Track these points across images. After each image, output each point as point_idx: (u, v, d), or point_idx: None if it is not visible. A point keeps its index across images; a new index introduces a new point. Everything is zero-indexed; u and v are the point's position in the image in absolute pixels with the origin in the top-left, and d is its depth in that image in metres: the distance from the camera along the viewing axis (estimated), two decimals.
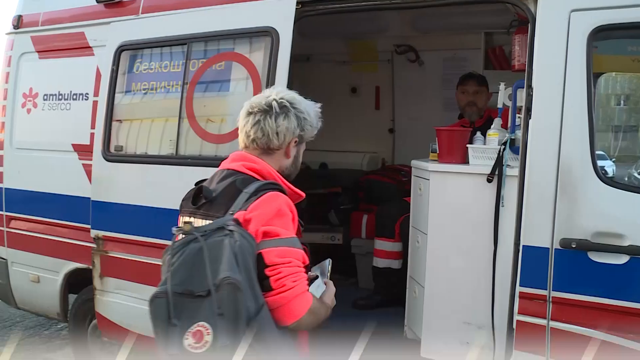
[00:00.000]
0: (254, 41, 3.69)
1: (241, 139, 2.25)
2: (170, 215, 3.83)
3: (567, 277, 2.90)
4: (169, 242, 3.77)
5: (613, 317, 2.82)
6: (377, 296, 4.51)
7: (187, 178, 3.72)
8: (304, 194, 2.21)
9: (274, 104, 2.17)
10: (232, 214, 1.98)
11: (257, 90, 3.59)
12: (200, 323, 1.78)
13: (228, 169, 2.20)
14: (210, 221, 2.02)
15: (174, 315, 1.80)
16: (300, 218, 2.19)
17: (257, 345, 1.81)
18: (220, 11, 3.76)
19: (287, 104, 2.19)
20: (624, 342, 2.79)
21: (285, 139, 2.19)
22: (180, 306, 1.81)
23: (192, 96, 3.79)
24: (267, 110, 2.17)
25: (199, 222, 2.08)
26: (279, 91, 2.25)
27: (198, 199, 2.13)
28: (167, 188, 3.82)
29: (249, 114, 2.20)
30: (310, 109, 2.26)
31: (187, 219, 2.15)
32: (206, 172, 3.63)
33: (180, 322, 1.80)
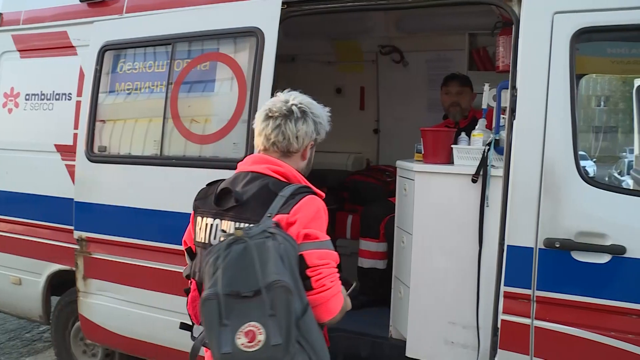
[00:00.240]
0: (239, 41, 3.68)
1: (260, 142, 2.29)
2: (154, 216, 3.84)
3: (551, 277, 2.93)
4: (153, 244, 3.82)
5: (596, 316, 2.85)
6: (362, 296, 4.50)
7: (171, 179, 3.76)
8: (324, 194, 2.25)
9: (294, 108, 2.24)
10: (270, 216, 2.04)
11: (242, 90, 3.58)
12: (252, 323, 1.86)
13: (252, 172, 2.23)
14: (244, 223, 2.09)
15: (225, 316, 1.87)
16: None
17: (304, 343, 1.94)
18: (205, 11, 3.74)
19: (307, 109, 2.27)
20: (606, 340, 2.83)
21: (303, 143, 2.28)
22: (230, 307, 1.88)
23: (177, 96, 3.77)
24: (287, 115, 2.23)
25: (227, 224, 2.14)
26: (296, 96, 2.31)
27: (225, 200, 2.17)
28: (151, 189, 3.80)
29: (269, 117, 2.26)
30: (323, 113, 2.35)
31: (210, 220, 2.21)
32: (191, 173, 3.68)
33: (230, 322, 1.87)
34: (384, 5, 3.49)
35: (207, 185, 2.37)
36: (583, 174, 2.88)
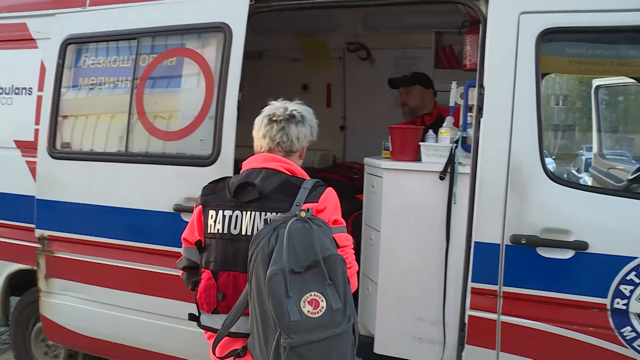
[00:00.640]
0: (207, 37, 3.63)
1: (265, 143, 2.58)
2: (120, 214, 3.77)
3: (517, 273, 2.98)
4: (120, 242, 3.75)
5: (559, 310, 2.92)
6: None
7: (138, 176, 3.69)
8: None
9: (295, 113, 2.58)
10: (299, 205, 2.34)
11: (209, 87, 3.54)
12: (314, 292, 2.14)
13: (266, 168, 2.51)
14: (270, 212, 2.35)
15: (289, 289, 2.11)
16: None
17: (352, 306, 2.25)
18: (171, 6, 3.68)
19: (305, 114, 2.62)
20: (569, 334, 2.91)
21: (302, 143, 2.62)
22: (292, 281, 2.13)
23: (143, 92, 3.70)
24: (289, 119, 2.56)
25: (251, 215, 2.42)
26: (293, 104, 2.63)
27: (245, 194, 2.44)
28: (116, 186, 3.73)
29: (273, 121, 2.57)
30: (314, 120, 2.69)
31: (229, 212, 2.46)
32: (157, 170, 3.62)
33: (293, 293, 2.12)
34: (352, 2, 3.50)
35: (211, 182, 2.61)
36: (548, 171, 2.94)
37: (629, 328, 2.82)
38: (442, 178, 3.28)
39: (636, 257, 2.79)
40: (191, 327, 3.58)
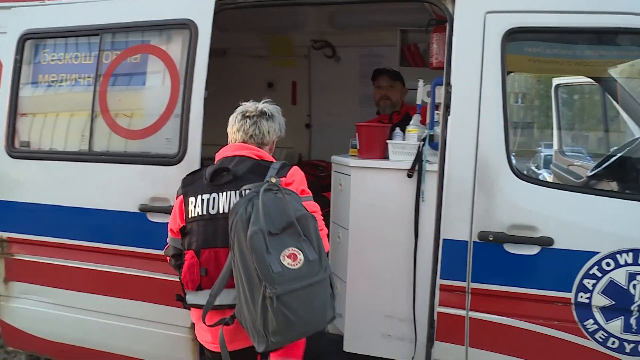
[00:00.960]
0: (172, 34, 3.56)
1: (239, 137, 2.85)
2: (84, 215, 3.67)
3: (485, 269, 3.02)
4: (83, 243, 3.65)
5: (526, 305, 2.98)
6: None
7: (102, 175, 3.61)
8: None
9: (266, 110, 2.88)
10: (268, 181, 2.54)
11: (175, 84, 3.49)
12: (291, 248, 2.38)
13: (238, 155, 2.76)
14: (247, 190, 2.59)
15: (269, 246, 2.34)
16: None
17: (326, 259, 2.51)
18: (136, 1, 3.60)
19: (274, 112, 2.92)
20: (536, 328, 2.96)
21: (272, 137, 2.90)
22: (270, 240, 2.37)
23: (106, 90, 3.61)
24: (261, 115, 2.86)
25: (227, 194, 2.65)
26: (263, 103, 2.92)
27: (220, 178, 2.69)
28: (79, 186, 3.63)
29: (246, 117, 2.86)
30: (282, 118, 2.98)
31: (206, 196, 2.68)
32: (122, 169, 3.55)
33: (273, 250, 2.35)
34: (318, 0, 3.48)
35: (188, 174, 2.83)
36: (515, 168, 2.98)
37: (591, 321, 2.89)
38: (410, 176, 3.29)
39: (598, 252, 2.86)
40: (156, 329, 3.56)
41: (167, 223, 2.87)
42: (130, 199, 3.50)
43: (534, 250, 2.94)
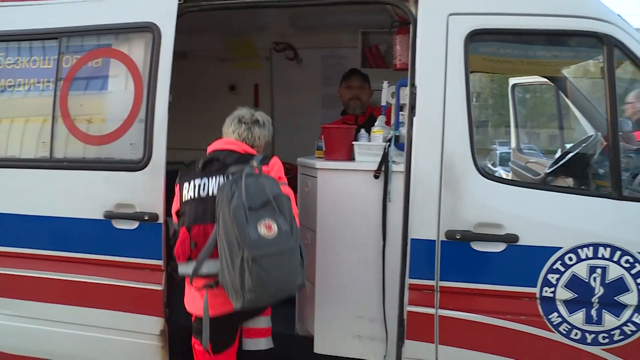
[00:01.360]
0: (134, 37, 3.49)
1: (234, 136, 3.27)
2: (46, 223, 3.57)
3: (453, 267, 3.07)
4: (46, 252, 3.55)
5: (493, 301, 3.04)
6: None
7: (65, 182, 3.52)
8: None
9: (259, 118, 3.34)
10: (252, 166, 2.96)
11: (138, 89, 3.43)
12: (267, 220, 2.77)
13: (228, 150, 3.17)
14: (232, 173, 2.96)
15: (248, 218, 2.73)
16: None
17: (297, 232, 2.90)
18: (96, 4, 3.52)
19: (266, 121, 3.38)
20: (503, 323, 3.03)
21: (261, 142, 3.34)
22: (250, 214, 2.75)
23: (67, 95, 3.52)
24: (255, 123, 3.32)
25: (216, 179, 3.03)
26: (257, 112, 3.38)
27: (210, 166, 3.09)
28: (41, 194, 3.53)
29: (242, 122, 3.30)
30: (271, 125, 3.44)
31: (198, 181, 3.06)
32: (85, 176, 3.47)
33: (251, 221, 2.73)
34: (282, 2, 3.48)
35: (186, 168, 3.37)
36: (480, 167, 3.04)
37: (555, 314, 2.98)
38: (376, 177, 3.33)
39: (561, 247, 2.94)
40: (125, 337, 3.50)
41: (133, 230, 3.19)
42: (95, 205, 3.43)
43: (500, 247, 3.00)
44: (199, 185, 3.05)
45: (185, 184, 3.08)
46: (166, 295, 3.44)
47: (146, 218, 3.36)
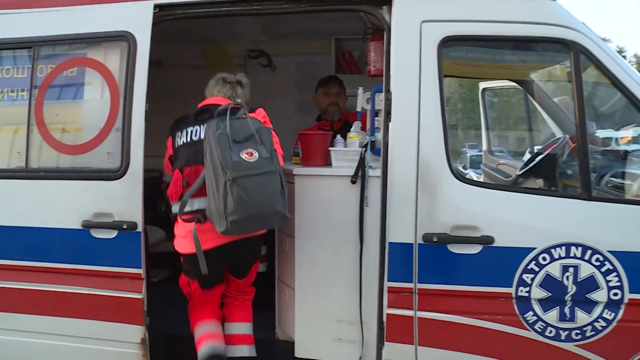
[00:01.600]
0: (109, 46, 3.48)
1: (218, 95, 3.58)
2: (22, 233, 3.53)
3: (431, 269, 3.12)
4: (21, 263, 3.50)
5: (471, 302, 3.11)
6: None
7: (42, 192, 3.49)
8: None
9: (241, 79, 3.65)
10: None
11: (114, 98, 3.42)
12: (249, 148, 3.02)
13: (216, 104, 3.38)
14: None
15: (231, 145, 2.99)
16: (157, 225, 4.35)
17: (278, 162, 3.13)
18: (71, 13, 3.50)
19: (246, 82, 3.69)
20: (480, 323, 3.10)
21: (243, 101, 3.52)
22: (233, 145, 3.00)
23: (42, 104, 3.49)
24: (238, 82, 3.63)
25: (204, 127, 3.26)
26: (238, 74, 3.69)
27: (202, 116, 3.41)
28: (17, 204, 3.49)
29: (226, 82, 3.62)
30: (249, 88, 3.72)
31: (190, 128, 3.40)
32: (62, 185, 3.44)
33: (235, 149, 2.99)
34: (257, 10, 3.51)
35: (175, 120, 3.53)
36: (455, 171, 3.10)
37: (531, 312, 3.05)
38: (353, 182, 3.37)
39: (535, 248, 3.02)
40: (104, 347, 3.48)
41: (112, 239, 3.33)
42: (73, 215, 3.40)
43: (476, 249, 3.07)
44: (192, 132, 3.37)
45: (178, 133, 3.42)
46: (146, 303, 3.43)
47: (125, 227, 3.35)
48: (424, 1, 3.17)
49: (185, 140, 3.37)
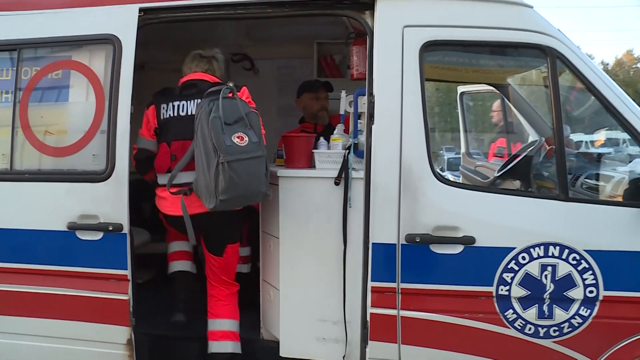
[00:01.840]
0: (94, 49, 3.50)
1: (197, 70, 3.78)
2: (7, 235, 3.51)
3: (413, 269, 3.19)
4: (7, 265, 3.49)
5: (453, 301, 3.17)
6: None
7: (26, 194, 3.49)
8: None
9: (216, 55, 3.88)
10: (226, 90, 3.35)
11: (99, 100, 3.44)
12: (240, 132, 3.23)
13: (202, 79, 3.69)
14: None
15: (224, 128, 3.17)
16: (142, 227, 4.64)
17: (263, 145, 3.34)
18: (56, 16, 3.51)
19: (220, 59, 3.91)
20: (462, 322, 3.17)
21: (219, 74, 3.81)
22: (225, 127, 3.18)
23: (27, 107, 3.49)
24: (213, 57, 3.85)
25: (194, 102, 3.57)
26: (214, 49, 3.92)
27: (188, 90, 3.64)
28: (1, 206, 3.49)
29: (203, 57, 3.84)
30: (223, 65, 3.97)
31: (177, 102, 3.63)
32: (47, 188, 3.45)
33: (226, 132, 3.17)
34: (242, 15, 3.55)
35: (159, 91, 3.77)
36: (436, 173, 3.18)
37: (511, 311, 3.13)
38: (337, 183, 3.42)
39: (515, 248, 3.10)
40: (90, 348, 3.49)
41: (98, 240, 3.36)
42: (58, 217, 3.40)
43: (457, 249, 3.14)
44: (179, 106, 3.60)
45: (163, 105, 3.63)
46: (132, 304, 3.45)
47: (110, 229, 3.36)
48: (405, 7, 3.23)
49: (172, 114, 3.59)
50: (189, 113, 3.52)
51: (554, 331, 3.12)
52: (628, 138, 3.21)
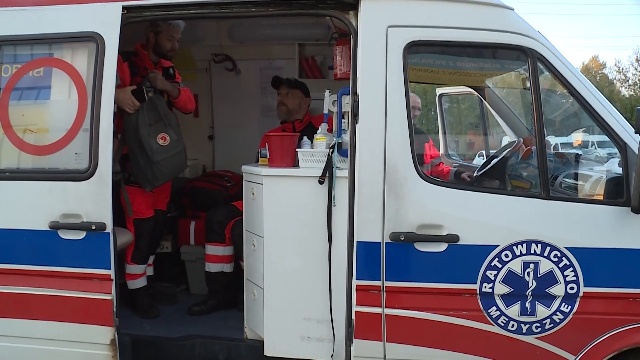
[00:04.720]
0: (77, 47, 3.48)
1: None
2: None
3: (398, 267, 3.21)
4: None
5: (437, 299, 3.20)
6: (212, 300, 4.51)
7: (8, 193, 3.45)
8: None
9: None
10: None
11: (82, 98, 3.41)
12: (162, 133, 4.28)
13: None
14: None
15: (150, 134, 4.24)
16: (125, 226, 4.57)
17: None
18: (38, 13, 3.48)
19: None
20: (447, 319, 3.19)
21: None
22: (149, 129, 4.24)
23: (7, 105, 3.45)
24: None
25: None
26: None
27: None
28: None
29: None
30: None
31: None
32: (29, 186, 3.41)
33: (152, 133, 4.27)
34: (225, 14, 3.54)
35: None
36: (420, 171, 3.20)
37: (494, 308, 3.17)
38: (321, 182, 3.42)
39: (498, 245, 3.14)
40: (73, 348, 3.45)
41: (80, 240, 3.36)
42: (40, 216, 3.37)
43: (441, 247, 3.16)
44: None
45: None
46: (116, 304, 3.42)
47: (93, 228, 3.34)
48: (389, 7, 3.25)
49: None
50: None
51: (536, 327, 3.17)
52: (597, 140, 3.27)
